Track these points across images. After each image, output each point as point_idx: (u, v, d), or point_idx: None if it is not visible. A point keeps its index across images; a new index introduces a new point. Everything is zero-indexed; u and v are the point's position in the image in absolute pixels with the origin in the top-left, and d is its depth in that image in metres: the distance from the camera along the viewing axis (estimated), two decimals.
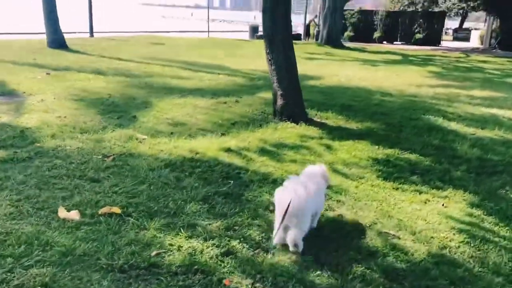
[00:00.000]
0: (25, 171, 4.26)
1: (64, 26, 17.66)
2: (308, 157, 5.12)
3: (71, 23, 24.58)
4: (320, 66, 14.27)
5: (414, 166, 5.04)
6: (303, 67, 13.21)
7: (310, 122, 6.67)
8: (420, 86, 10.62)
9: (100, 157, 4.78)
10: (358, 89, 9.92)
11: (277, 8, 6.52)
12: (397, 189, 4.37)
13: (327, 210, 3.78)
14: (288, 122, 6.58)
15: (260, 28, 31.63)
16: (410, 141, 5.96)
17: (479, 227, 3.69)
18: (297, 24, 31.75)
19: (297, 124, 6.52)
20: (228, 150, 5.18)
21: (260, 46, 22.27)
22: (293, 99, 6.74)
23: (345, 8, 27.98)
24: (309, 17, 30.67)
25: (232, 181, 4.30)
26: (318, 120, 6.90)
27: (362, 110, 7.67)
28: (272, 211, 3.55)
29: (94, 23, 24.47)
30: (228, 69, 12.58)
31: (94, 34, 25.00)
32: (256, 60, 15.06)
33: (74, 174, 4.26)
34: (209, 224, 3.43)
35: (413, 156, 5.35)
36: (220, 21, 67.61)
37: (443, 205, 4.07)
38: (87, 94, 8.13)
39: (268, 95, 7.99)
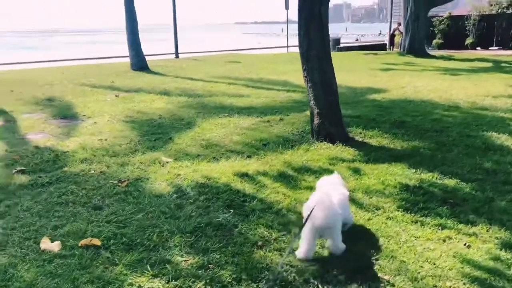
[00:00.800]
0: (37, 198, 4.39)
1: (153, 48, 18.68)
2: None
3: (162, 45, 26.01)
4: (391, 78, 13.47)
5: (450, 194, 4.42)
6: (372, 79, 12.70)
7: (349, 142, 6.22)
8: (497, 97, 9.52)
9: (116, 182, 4.80)
10: (422, 102, 9.14)
11: (312, 23, 6.20)
12: (416, 222, 3.84)
13: (319, 248, 3.40)
14: (324, 143, 6.20)
15: (343, 40, 31.19)
16: (457, 163, 5.28)
17: (503, 276, 3.06)
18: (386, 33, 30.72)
19: (334, 144, 6.11)
20: (244, 175, 4.96)
21: (337, 58, 21.94)
22: (330, 117, 6.34)
23: (432, 14, 26.42)
24: (394, 26, 29.41)
25: (232, 210, 4.08)
26: (360, 139, 6.41)
27: (415, 127, 7.01)
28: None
29: (185, 44, 25.65)
30: (291, 85, 12.33)
31: (180, 55, 26.22)
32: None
33: (80, 201, 4.31)
34: (183, 261, 3.24)
35: (452, 182, 4.71)
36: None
37: (465, 244, 3.48)
38: (140, 116, 8.37)
39: None
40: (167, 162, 5.51)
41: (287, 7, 26.89)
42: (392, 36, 28.52)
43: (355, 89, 11.13)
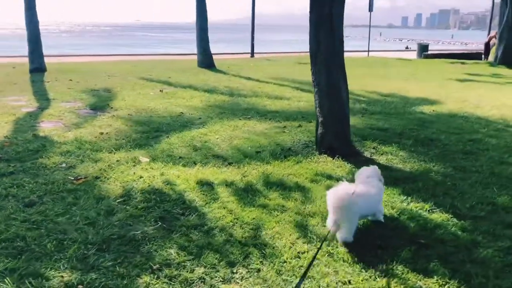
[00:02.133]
0: None
1: (229, 47, 18.70)
2: (287, 203, 4.10)
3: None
4: (461, 89, 12.09)
5: (426, 232, 3.61)
6: (436, 90, 11.52)
7: (353, 157, 5.49)
8: None
9: (72, 178, 4.59)
10: (476, 118, 7.95)
11: (321, 24, 5.55)
12: (358, 263, 3.12)
13: None
14: (325, 156, 5.53)
15: (431, 47, 29.08)
16: (463, 195, 4.36)
17: None
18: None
19: (333, 158, 5.42)
20: (208, 184, 4.50)
21: (415, 65, 20.39)
22: (334, 128, 5.64)
23: None
24: (492, 33, 26.80)
25: (160, 223, 3.65)
26: (368, 155, 5.63)
27: (444, 146, 6.04)
28: None
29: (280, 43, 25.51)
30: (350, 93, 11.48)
31: (259, 54, 26.25)
32: (388, 81, 13.64)
33: (20, 195, 4.14)
34: (58, 277, 2.88)
35: (441, 217, 3.86)
36: (401, 40, 64.55)
37: None
38: (163, 112, 8.22)
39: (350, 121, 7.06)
40: (141, 162, 5.20)
41: (370, 9, 25.61)
42: (487, 45, 26.01)
43: (407, 99, 10.08)
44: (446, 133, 6.73)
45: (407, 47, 40.70)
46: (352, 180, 3.85)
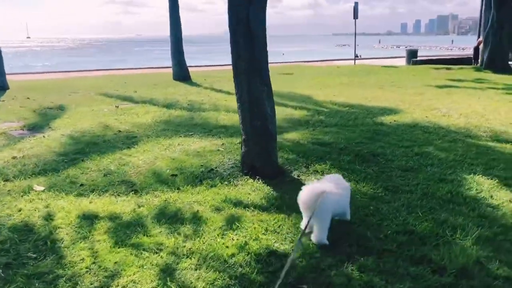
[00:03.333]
0: None
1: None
2: (167, 241, 3.49)
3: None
4: (437, 96, 11.48)
5: (317, 273, 2.98)
6: (407, 98, 10.98)
7: (276, 178, 4.90)
8: None
9: None
10: (437, 128, 7.35)
11: (239, 28, 4.98)
12: None
13: None
14: (246, 177, 4.94)
15: (420, 53, 28.51)
16: (382, 222, 3.76)
17: None
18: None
19: (254, 180, 4.82)
20: (90, 217, 3.92)
21: (399, 72, 19.76)
22: (256, 146, 5.06)
23: None
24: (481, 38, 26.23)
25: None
26: (296, 175, 5.04)
27: (386, 162, 5.44)
28: None
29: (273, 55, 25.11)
30: (309, 101, 10.94)
31: None
32: (362, 90, 13.08)
33: None
34: None
35: (343, 252, 3.24)
36: (398, 47, 64.13)
37: None
38: (101, 130, 7.66)
39: (296, 136, 6.53)
40: (35, 191, 4.62)
41: (355, 17, 25.12)
42: (476, 49, 25.42)
43: (372, 109, 9.49)
44: (395, 147, 6.13)
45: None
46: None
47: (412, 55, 26.52)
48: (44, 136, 7.21)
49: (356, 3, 24.44)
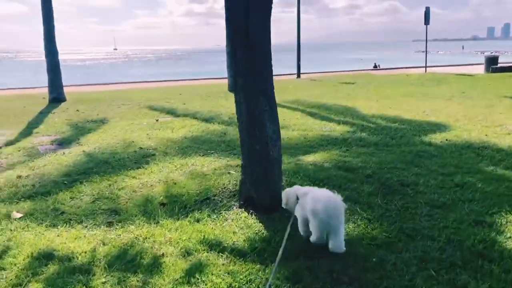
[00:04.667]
0: None
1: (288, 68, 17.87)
2: None
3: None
4: (510, 110, 10.07)
5: None
6: (475, 111, 9.66)
7: (274, 212, 4.18)
8: None
9: None
10: (494, 151, 6.21)
11: (237, 39, 4.36)
12: None
13: None
14: (242, 209, 4.28)
15: (501, 59, 26.02)
16: (378, 285, 2.91)
17: None
18: None
19: (249, 213, 4.16)
20: (43, 257, 3.45)
21: (473, 81, 17.92)
22: (254, 174, 4.37)
23: None
24: None
25: None
26: None
27: (415, 195, 4.51)
28: None
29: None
30: (359, 115, 10.01)
31: (305, 75, 25.32)
32: (423, 102, 11.91)
33: None
34: None
35: None
36: (483, 53, 59.93)
37: None
38: (122, 148, 7.33)
39: (322, 157, 5.97)
40: (11, 218, 4.27)
41: (426, 23, 23.46)
42: None
43: (422, 125, 8.41)
44: (433, 174, 5.15)
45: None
46: None
47: (491, 62, 24.33)
48: (64, 153, 7.00)
49: (428, 8, 22.84)
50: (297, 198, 3.68)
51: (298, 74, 24.38)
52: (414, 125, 8.45)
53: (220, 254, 3.44)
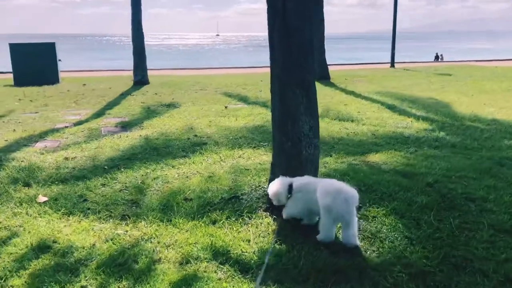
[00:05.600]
0: None
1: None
2: None
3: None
4: None
5: None
6: None
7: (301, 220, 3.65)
8: None
9: None
10: None
11: (274, 22, 3.86)
12: None
13: None
14: (268, 212, 3.83)
15: None
16: None
17: None
18: None
19: (272, 218, 3.70)
20: (44, 247, 3.28)
21: None
22: (284, 175, 3.86)
23: None
24: None
25: None
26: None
27: (479, 214, 3.70)
28: None
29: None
30: (445, 111, 8.92)
31: (400, 64, 23.99)
32: None
33: None
34: None
35: None
36: None
37: None
38: (178, 134, 7.17)
39: (384, 158, 5.28)
40: (37, 201, 4.22)
41: None
42: None
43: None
44: (510, 189, 4.23)
45: None
46: None
47: None
48: (120, 136, 6.98)
49: None
50: (290, 191, 3.43)
51: (392, 63, 22.95)
52: (507, 126, 7.27)
53: (221, 265, 3.00)
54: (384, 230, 3.48)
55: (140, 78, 14.63)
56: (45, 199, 4.27)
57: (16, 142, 6.65)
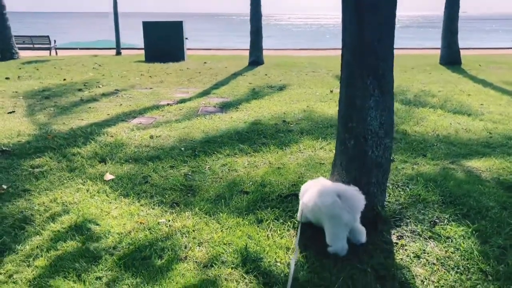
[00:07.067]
0: None
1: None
2: None
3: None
4: None
5: None
6: None
7: (371, 241, 3.18)
8: None
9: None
10: None
11: (347, 6, 3.36)
12: None
13: None
14: None
15: None
16: None
17: None
18: None
19: None
20: (87, 227, 3.31)
21: None
22: (345, 176, 3.39)
23: None
24: None
25: None
26: (396, 236, 3.16)
27: None
28: None
29: None
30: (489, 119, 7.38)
31: None
32: None
33: None
34: None
35: None
36: None
37: None
38: (270, 119, 6.94)
39: (485, 165, 4.54)
40: (103, 179, 4.32)
41: None
42: None
43: None
44: None
45: None
46: None
47: None
48: (212, 117, 6.95)
49: None
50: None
51: None
52: None
53: (246, 275, 2.69)
54: (456, 257, 2.83)
55: (255, 59, 14.63)
56: (112, 177, 4.32)
57: (116, 117, 6.97)
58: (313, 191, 2.99)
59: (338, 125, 3.44)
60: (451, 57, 14.81)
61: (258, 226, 3.29)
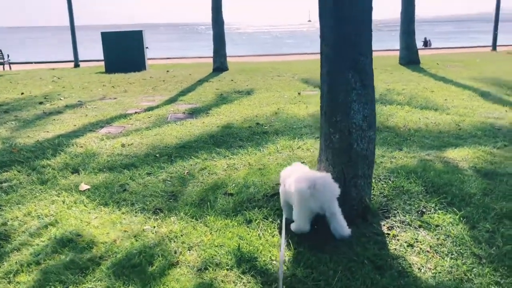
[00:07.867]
0: None
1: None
2: None
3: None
4: None
5: None
6: None
7: (353, 223, 3.15)
8: None
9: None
10: None
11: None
12: None
13: None
14: None
15: None
16: None
17: None
18: None
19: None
20: (67, 241, 3.13)
21: None
22: (330, 170, 3.36)
23: None
24: None
25: None
26: (386, 227, 3.16)
27: None
28: None
29: None
30: None
31: (503, 47, 21.81)
32: None
33: None
34: None
35: None
36: None
37: None
38: (242, 122, 6.89)
39: (465, 154, 4.62)
40: (78, 190, 4.13)
41: None
42: None
43: None
44: None
45: None
46: None
47: None
48: (183, 124, 6.83)
49: None
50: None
51: (494, 46, 20.77)
52: None
53: (243, 275, 2.61)
54: (448, 244, 2.85)
55: (219, 65, 14.58)
56: (87, 187, 4.15)
57: (83, 127, 6.75)
58: (292, 178, 2.97)
59: (321, 121, 3.43)
60: (410, 57, 15.23)
61: (248, 227, 3.22)
